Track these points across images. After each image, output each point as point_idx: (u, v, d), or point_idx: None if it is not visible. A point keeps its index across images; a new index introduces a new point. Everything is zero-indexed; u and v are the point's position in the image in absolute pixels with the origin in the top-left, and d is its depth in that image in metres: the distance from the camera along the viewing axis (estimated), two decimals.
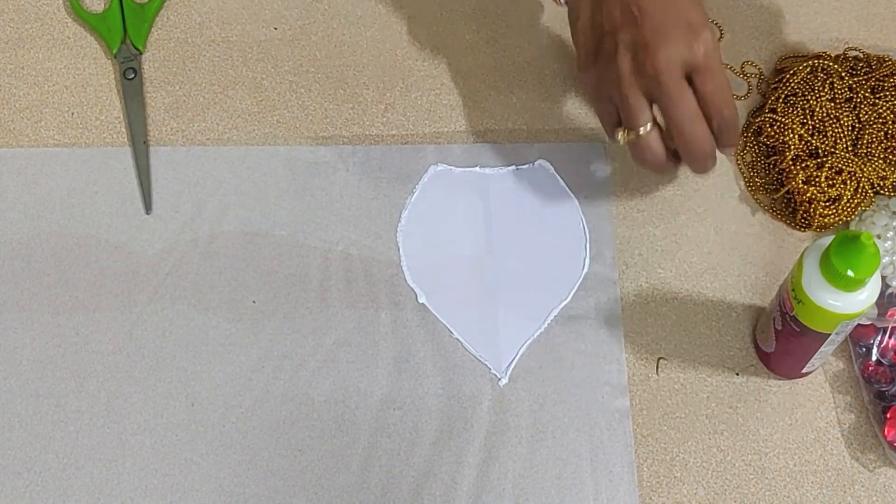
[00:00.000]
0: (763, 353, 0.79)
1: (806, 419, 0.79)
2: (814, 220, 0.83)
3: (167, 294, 0.82)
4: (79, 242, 0.84)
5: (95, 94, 0.90)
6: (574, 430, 0.78)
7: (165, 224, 0.85)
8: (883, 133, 0.84)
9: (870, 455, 0.77)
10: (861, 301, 0.70)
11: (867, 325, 0.79)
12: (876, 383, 0.78)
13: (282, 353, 0.80)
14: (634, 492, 0.76)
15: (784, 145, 0.85)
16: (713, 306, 0.82)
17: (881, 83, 0.86)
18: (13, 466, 0.76)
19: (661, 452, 0.78)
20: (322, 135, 0.88)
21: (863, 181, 0.83)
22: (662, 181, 0.86)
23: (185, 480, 0.76)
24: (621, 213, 0.86)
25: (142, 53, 0.91)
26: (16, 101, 0.89)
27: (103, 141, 0.88)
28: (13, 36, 0.92)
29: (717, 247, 0.85)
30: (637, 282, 0.83)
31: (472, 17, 0.94)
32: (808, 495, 0.76)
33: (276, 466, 0.77)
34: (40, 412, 0.78)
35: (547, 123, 0.89)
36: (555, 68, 0.91)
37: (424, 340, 0.81)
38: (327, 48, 0.92)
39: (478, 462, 0.77)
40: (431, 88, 0.91)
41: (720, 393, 0.80)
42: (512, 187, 0.86)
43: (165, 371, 0.79)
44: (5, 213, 0.85)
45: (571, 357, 0.80)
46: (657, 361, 0.80)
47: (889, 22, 0.94)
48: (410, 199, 0.86)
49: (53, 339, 0.80)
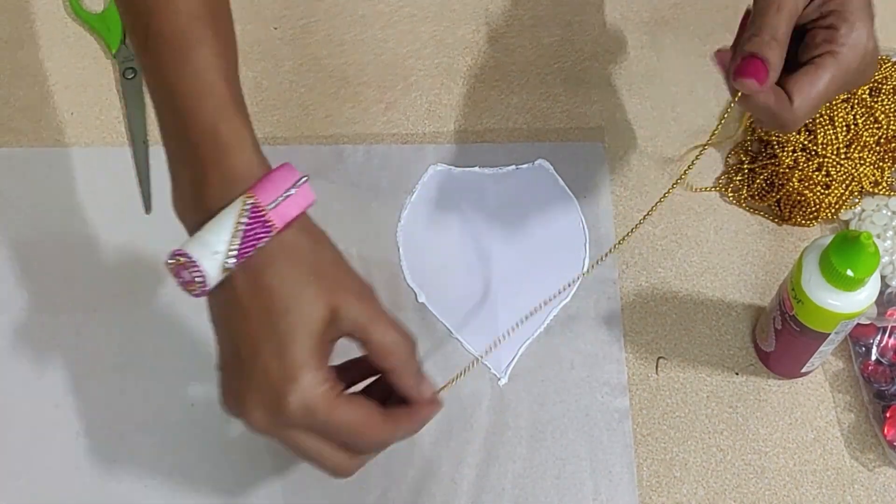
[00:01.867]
0: (763, 352, 0.79)
1: (805, 418, 0.79)
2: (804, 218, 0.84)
3: (167, 293, 0.82)
4: (79, 242, 0.84)
5: (95, 93, 0.90)
6: (574, 429, 0.78)
7: (165, 223, 0.84)
8: (877, 136, 0.84)
9: (869, 454, 0.77)
10: (861, 300, 0.70)
11: (867, 324, 0.79)
12: (875, 383, 0.78)
13: None
14: (634, 491, 0.76)
15: (776, 144, 0.85)
16: (713, 306, 0.82)
17: (879, 85, 0.86)
18: (13, 466, 0.76)
19: (661, 452, 0.78)
20: (322, 134, 0.88)
21: (853, 185, 0.83)
22: (661, 181, 0.87)
23: (184, 480, 0.76)
24: (621, 213, 0.86)
25: None
26: (16, 101, 0.89)
27: (103, 141, 0.88)
28: (13, 36, 0.92)
29: (717, 246, 0.85)
30: (637, 281, 0.83)
31: (472, 17, 0.94)
32: (807, 495, 0.76)
33: (275, 466, 0.77)
34: (40, 412, 0.78)
35: (547, 123, 0.89)
36: (555, 68, 0.91)
37: (424, 340, 0.80)
38: (328, 47, 0.92)
39: (477, 462, 0.77)
40: (432, 88, 0.91)
41: (720, 392, 0.80)
42: (512, 187, 0.86)
43: (165, 370, 0.79)
44: (5, 213, 0.85)
45: (571, 357, 0.80)
46: (657, 361, 0.80)
47: (889, 22, 0.93)
48: (410, 199, 0.86)
49: (53, 338, 0.80)
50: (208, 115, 0.61)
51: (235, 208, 0.60)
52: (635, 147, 0.88)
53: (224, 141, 0.61)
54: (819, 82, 0.66)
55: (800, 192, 0.83)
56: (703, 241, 0.85)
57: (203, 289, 0.61)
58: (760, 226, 0.85)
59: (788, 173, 0.84)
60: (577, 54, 0.92)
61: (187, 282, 0.61)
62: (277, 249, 0.61)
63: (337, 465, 0.64)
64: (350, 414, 0.61)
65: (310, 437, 0.62)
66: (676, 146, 0.88)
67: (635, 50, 0.92)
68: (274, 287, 0.60)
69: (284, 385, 0.59)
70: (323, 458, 0.63)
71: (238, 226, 0.59)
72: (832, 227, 0.85)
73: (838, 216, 0.85)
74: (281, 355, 0.60)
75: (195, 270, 0.60)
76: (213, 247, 0.60)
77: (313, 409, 0.60)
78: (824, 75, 0.66)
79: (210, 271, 0.60)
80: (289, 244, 0.61)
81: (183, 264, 0.60)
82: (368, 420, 0.62)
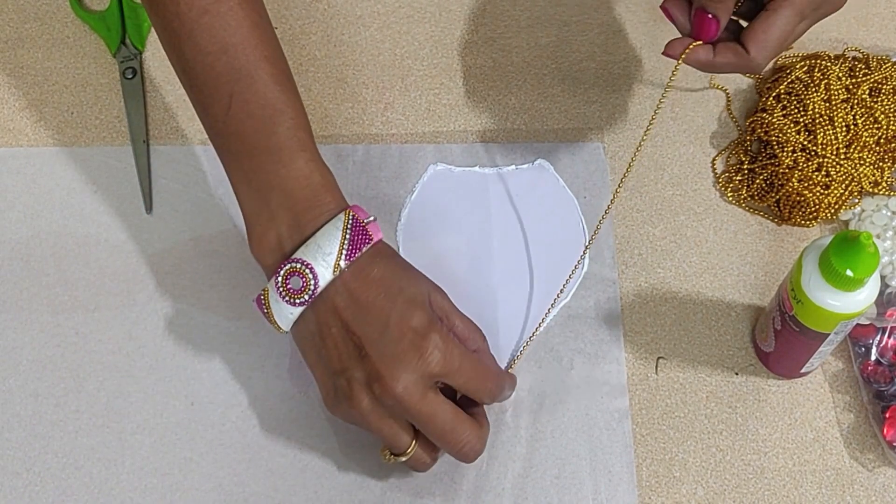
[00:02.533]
0: (762, 352, 0.80)
1: (805, 419, 0.79)
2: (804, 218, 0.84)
3: (167, 293, 0.82)
4: (79, 242, 0.84)
5: (95, 93, 0.90)
6: (573, 429, 0.78)
7: (165, 223, 0.85)
8: (877, 136, 0.84)
9: (869, 455, 0.78)
10: (860, 301, 0.70)
11: (866, 324, 0.79)
12: (875, 383, 0.78)
13: (281, 351, 0.80)
14: (633, 491, 0.76)
15: (775, 144, 0.85)
16: (712, 306, 0.82)
17: (879, 85, 0.86)
18: (13, 466, 0.76)
19: (661, 452, 0.78)
20: (321, 134, 0.88)
21: (852, 185, 0.83)
22: (661, 181, 0.87)
23: (184, 480, 0.76)
24: (620, 213, 0.86)
25: (142, 53, 0.91)
26: (16, 101, 0.89)
27: (103, 140, 0.88)
28: (13, 35, 0.92)
29: (717, 246, 0.85)
30: (636, 281, 0.83)
31: (471, 16, 0.94)
32: (807, 495, 0.76)
33: (275, 466, 0.77)
34: (40, 412, 0.78)
35: (547, 123, 0.89)
36: (554, 68, 0.92)
37: None
38: (326, 47, 0.92)
39: (477, 462, 0.77)
40: (431, 88, 0.91)
41: (719, 392, 0.80)
42: (511, 187, 0.86)
43: (165, 370, 0.79)
44: (5, 213, 0.85)
45: (571, 357, 0.80)
46: (656, 361, 0.81)
47: (888, 22, 0.94)
48: (410, 199, 0.86)
49: (53, 338, 0.80)
50: (303, 165, 0.70)
51: (341, 220, 0.69)
52: (635, 147, 0.88)
53: (317, 184, 0.70)
54: (772, 28, 0.70)
55: (799, 193, 0.83)
56: (702, 242, 0.85)
57: (313, 293, 0.68)
58: (760, 226, 0.85)
59: (788, 173, 0.84)
60: (574, 55, 0.92)
61: (296, 290, 0.68)
62: (374, 253, 0.70)
63: (464, 437, 0.70)
64: (469, 361, 0.70)
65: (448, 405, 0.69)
66: (676, 146, 0.88)
67: (634, 50, 0.92)
68: (384, 277, 0.69)
69: (423, 342, 0.68)
70: (454, 429, 0.69)
71: (346, 232, 0.68)
72: (832, 227, 0.85)
73: (838, 216, 0.85)
74: (411, 320, 0.68)
75: (309, 273, 0.68)
76: (326, 249, 0.68)
77: (450, 357, 0.68)
78: (777, 20, 0.70)
79: (322, 273, 0.68)
80: (381, 250, 0.71)
81: (297, 271, 0.68)
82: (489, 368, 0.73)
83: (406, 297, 0.69)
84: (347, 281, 0.68)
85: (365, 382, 0.68)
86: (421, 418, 0.69)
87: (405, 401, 0.67)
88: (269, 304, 0.70)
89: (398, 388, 0.67)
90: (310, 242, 0.68)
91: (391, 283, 0.69)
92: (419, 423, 0.69)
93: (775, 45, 0.71)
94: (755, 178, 0.86)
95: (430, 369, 0.68)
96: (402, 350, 0.67)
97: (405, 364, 0.67)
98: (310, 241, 0.68)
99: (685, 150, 0.88)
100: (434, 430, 0.69)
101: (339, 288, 0.68)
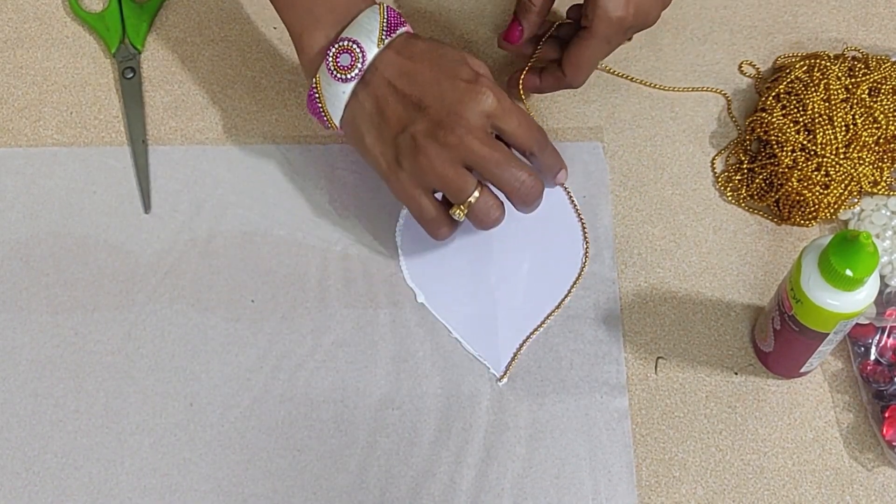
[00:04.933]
0: (762, 352, 0.80)
1: (804, 418, 0.79)
2: (803, 218, 0.84)
3: (166, 293, 0.82)
4: (77, 242, 0.84)
5: (94, 93, 0.90)
6: (573, 429, 0.78)
7: (164, 223, 0.85)
8: (876, 136, 0.84)
9: (868, 454, 0.78)
10: (859, 300, 0.70)
11: (866, 324, 0.79)
12: (874, 383, 0.78)
13: (280, 352, 0.80)
14: (633, 491, 0.76)
15: (775, 144, 0.85)
16: (712, 306, 0.82)
17: (879, 85, 0.86)
18: (12, 466, 0.76)
19: (660, 452, 0.78)
20: (321, 134, 0.88)
21: (852, 185, 0.83)
22: (661, 181, 0.87)
23: (183, 480, 0.76)
24: (620, 213, 0.86)
25: (140, 53, 0.91)
26: (15, 101, 0.89)
27: (102, 140, 0.88)
28: (12, 36, 0.92)
29: (716, 246, 0.85)
30: (636, 281, 0.83)
31: (471, 17, 0.94)
32: (806, 494, 0.76)
33: (274, 466, 0.77)
34: (39, 412, 0.78)
35: (546, 123, 0.89)
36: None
37: (423, 340, 0.81)
38: None
39: (476, 461, 0.77)
40: None
41: (719, 392, 0.80)
42: None
43: (164, 371, 0.79)
44: (4, 213, 0.85)
45: (570, 356, 0.80)
46: (656, 361, 0.81)
47: (888, 22, 0.94)
48: None
49: (52, 339, 0.80)
50: None
51: (376, 9, 0.76)
52: (635, 147, 0.88)
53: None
54: (583, 55, 0.81)
55: (799, 192, 0.83)
56: (701, 241, 0.85)
57: (362, 66, 0.75)
58: (759, 225, 0.85)
59: (787, 173, 0.84)
60: None
61: (346, 66, 0.75)
62: (410, 34, 0.77)
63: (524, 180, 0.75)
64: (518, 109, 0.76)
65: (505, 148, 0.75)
66: (676, 146, 0.88)
67: (634, 50, 0.92)
68: (424, 49, 0.76)
69: (476, 86, 0.74)
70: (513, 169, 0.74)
71: (383, 16, 0.76)
72: (831, 226, 0.85)
73: (837, 216, 0.85)
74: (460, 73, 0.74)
75: (357, 48, 0.75)
76: (368, 27, 0.75)
77: (501, 98, 0.74)
78: (585, 49, 0.81)
79: (369, 47, 0.75)
80: (415, 34, 0.78)
81: (346, 48, 0.75)
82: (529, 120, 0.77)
83: (449, 58, 0.75)
84: (393, 55, 0.75)
85: (429, 132, 0.73)
86: (482, 156, 0.73)
87: (467, 139, 0.73)
88: (321, 91, 0.77)
89: (461, 128, 0.73)
90: (352, 24, 0.76)
91: (433, 52, 0.76)
92: (480, 163, 0.74)
93: (587, 68, 0.83)
94: (755, 177, 0.86)
95: (487, 107, 0.74)
96: (458, 97, 0.74)
97: (464, 106, 0.73)
98: (352, 23, 0.76)
99: (685, 149, 0.88)
100: (495, 168, 0.74)
101: (387, 62, 0.75)
